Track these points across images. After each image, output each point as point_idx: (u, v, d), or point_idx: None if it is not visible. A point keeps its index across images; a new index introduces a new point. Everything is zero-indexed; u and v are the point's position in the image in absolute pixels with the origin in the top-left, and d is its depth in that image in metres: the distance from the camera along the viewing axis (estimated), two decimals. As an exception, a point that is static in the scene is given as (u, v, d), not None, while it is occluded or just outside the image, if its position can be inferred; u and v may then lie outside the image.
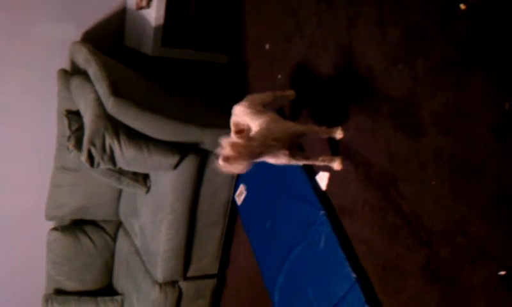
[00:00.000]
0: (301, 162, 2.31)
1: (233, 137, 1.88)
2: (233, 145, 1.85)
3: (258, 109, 2.28)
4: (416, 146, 1.95)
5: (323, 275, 2.34)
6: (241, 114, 2.27)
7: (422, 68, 1.93)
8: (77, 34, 3.37)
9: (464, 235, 1.76)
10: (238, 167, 1.88)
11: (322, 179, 2.47)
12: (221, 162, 1.85)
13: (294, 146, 2.20)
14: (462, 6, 1.76)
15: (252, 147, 1.91)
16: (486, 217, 1.70)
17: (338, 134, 2.32)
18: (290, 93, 2.66)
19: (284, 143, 2.09)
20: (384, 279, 2.12)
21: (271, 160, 2.12)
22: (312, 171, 2.56)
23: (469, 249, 1.75)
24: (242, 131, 1.93)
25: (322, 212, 2.38)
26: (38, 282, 3.72)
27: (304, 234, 2.49)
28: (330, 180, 2.44)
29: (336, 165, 2.34)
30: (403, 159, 2.01)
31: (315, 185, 2.51)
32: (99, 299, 3.64)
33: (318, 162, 2.36)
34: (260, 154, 1.99)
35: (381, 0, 2.13)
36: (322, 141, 2.46)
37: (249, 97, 2.39)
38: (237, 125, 2.06)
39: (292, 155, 2.16)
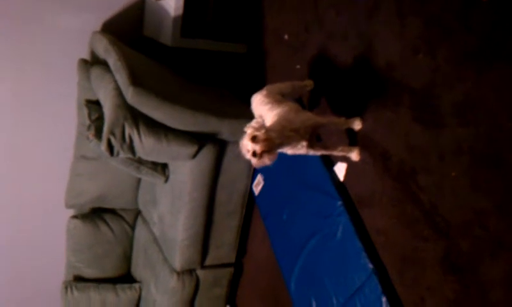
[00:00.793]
0: (319, 153, 2.31)
1: (253, 132, 1.88)
2: (257, 140, 1.86)
3: (277, 99, 2.29)
4: (435, 137, 1.94)
5: (340, 266, 2.35)
6: (259, 104, 2.28)
7: (442, 59, 1.92)
8: (97, 24, 3.40)
9: (484, 227, 1.75)
10: (264, 161, 1.90)
11: (340, 170, 2.47)
12: (252, 160, 1.87)
13: (313, 137, 2.20)
14: (484, -3, 1.74)
15: (271, 138, 1.92)
16: (506, 209, 1.69)
17: (357, 125, 2.31)
18: (309, 83, 2.66)
19: (303, 134, 2.09)
20: (402, 271, 2.12)
21: (289, 151, 2.13)
22: (329, 162, 2.55)
23: (488, 241, 1.74)
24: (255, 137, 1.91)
25: (339, 203, 2.38)
26: (58, 269, 3.77)
27: (321, 224, 2.49)
28: (348, 170, 2.44)
29: (355, 155, 2.33)
30: (422, 150, 2.00)
31: (333, 176, 2.50)
32: (118, 286, 3.69)
33: (336, 153, 2.36)
34: (279, 145, 1.99)
35: (402, -10, 2.12)
36: (340, 131, 2.46)
37: (268, 87, 2.39)
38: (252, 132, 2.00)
39: (311, 145, 2.16)
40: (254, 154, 1.86)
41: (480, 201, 1.77)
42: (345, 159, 2.43)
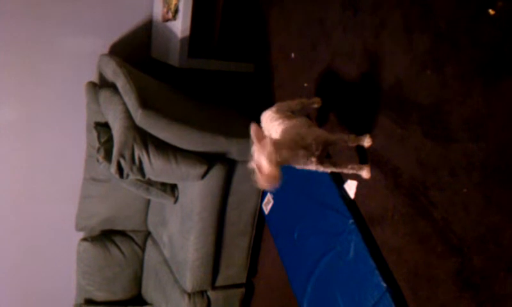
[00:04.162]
0: (329, 169, 2.29)
1: (259, 162, 1.88)
2: (262, 172, 1.85)
3: (287, 115, 2.29)
4: (446, 152, 1.92)
5: (353, 285, 2.32)
6: (270, 120, 2.28)
7: (450, 74, 1.91)
8: (105, 47, 3.43)
9: (497, 243, 1.73)
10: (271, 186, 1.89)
11: (351, 187, 2.46)
12: (262, 183, 1.87)
13: (324, 154, 2.19)
14: (491, 11, 1.74)
15: (281, 155, 1.91)
16: (520, 224, 1.68)
17: (367, 142, 2.30)
18: (317, 100, 2.65)
19: (313, 151, 2.09)
20: (415, 288, 2.09)
21: (298, 166, 2.12)
22: (340, 180, 2.54)
23: (503, 256, 1.72)
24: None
25: (351, 221, 2.37)
26: (68, 292, 3.76)
27: (333, 243, 2.47)
28: (359, 188, 2.43)
29: (365, 173, 2.32)
30: (433, 166, 1.99)
31: (344, 194, 2.49)
32: (129, 308, 3.68)
33: (347, 170, 2.34)
34: (288, 161, 1.99)
35: (408, 7, 2.12)
36: (349, 148, 2.45)
37: (278, 104, 2.40)
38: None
39: (321, 162, 2.15)
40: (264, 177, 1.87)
41: (494, 216, 1.75)
42: (355, 177, 2.42)
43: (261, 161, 1.85)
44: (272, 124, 2.24)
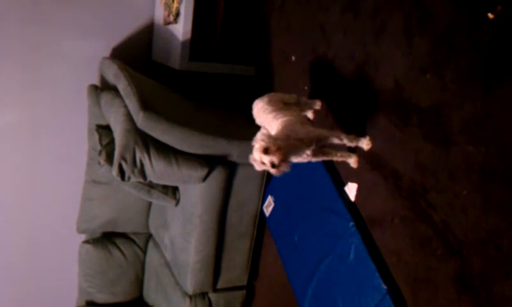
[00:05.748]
0: (320, 159, 2.31)
1: (264, 144, 1.89)
2: (270, 151, 1.86)
3: (280, 107, 2.29)
4: (446, 155, 1.93)
5: (353, 287, 2.33)
6: (262, 111, 2.28)
7: (450, 78, 1.92)
8: (107, 50, 3.44)
9: (497, 246, 1.74)
10: (282, 169, 1.91)
11: (351, 190, 2.46)
12: (272, 171, 1.90)
13: (317, 150, 2.19)
14: (490, 15, 1.74)
15: (282, 147, 1.92)
16: (519, 227, 1.68)
17: (366, 144, 2.31)
18: (316, 102, 2.66)
19: (308, 144, 2.09)
20: (415, 290, 2.10)
21: (294, 159, 2.12)
22: (340, 182, 2.55)
23: (502, 259, 1.73)
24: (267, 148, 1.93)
25: (351, 223, 2.37)
26: (70, 294, 3.77)
27: (333, 245, 2.48)
28: (359, 190, 2.43)
29: (353, 162, 2.35)
30: (433, 169, 1.99)
31: (344, 196, 2.50)
32: (130, 311, 3.68)
33: (336, 158, 2.37)
34: (289, 153, 1.99)
35: (408, 11, 2.13)
36: (344, 146, 2.45)
37: (270, 94, 2.39)
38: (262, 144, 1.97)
39: (314, 153, 2.16)
40: (273, 165, 1.88)
41: (493, 219, 1.75)
42: (355, 179, 2.42)
43: (266, 144, 1.87)
44: (265, 116, 2.24)
